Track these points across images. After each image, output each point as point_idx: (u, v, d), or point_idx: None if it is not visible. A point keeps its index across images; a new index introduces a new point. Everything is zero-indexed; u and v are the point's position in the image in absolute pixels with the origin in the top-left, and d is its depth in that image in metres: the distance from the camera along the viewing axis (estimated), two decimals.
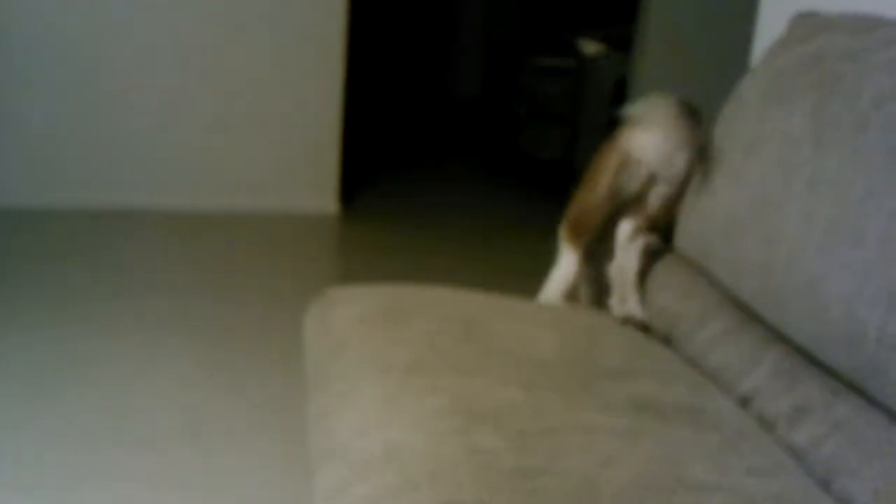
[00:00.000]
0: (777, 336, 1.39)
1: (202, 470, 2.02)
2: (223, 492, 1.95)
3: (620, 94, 4.75)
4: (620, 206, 1.82)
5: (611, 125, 4.61)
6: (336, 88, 4.14)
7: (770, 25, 2.12)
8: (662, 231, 1.80)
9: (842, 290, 1.17)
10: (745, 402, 1.37)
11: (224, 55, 3.99)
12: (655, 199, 1.77)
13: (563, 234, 2.02)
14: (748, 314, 1.47)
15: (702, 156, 1.68)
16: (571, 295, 1.87)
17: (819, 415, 1.21)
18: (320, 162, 4.22)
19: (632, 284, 1.70)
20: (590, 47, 4.87)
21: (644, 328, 1.63)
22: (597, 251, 1.86)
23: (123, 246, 3.58)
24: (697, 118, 1.81)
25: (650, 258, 1.77)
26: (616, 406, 1.24)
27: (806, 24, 1.70)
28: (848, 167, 1.26)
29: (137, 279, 3.25)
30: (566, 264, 1.92)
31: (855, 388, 1.20)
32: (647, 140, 1.79)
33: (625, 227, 1.75)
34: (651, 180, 1.77)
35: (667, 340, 1.61)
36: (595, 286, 1.85)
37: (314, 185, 4.25)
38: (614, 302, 1.70)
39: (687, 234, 1.69)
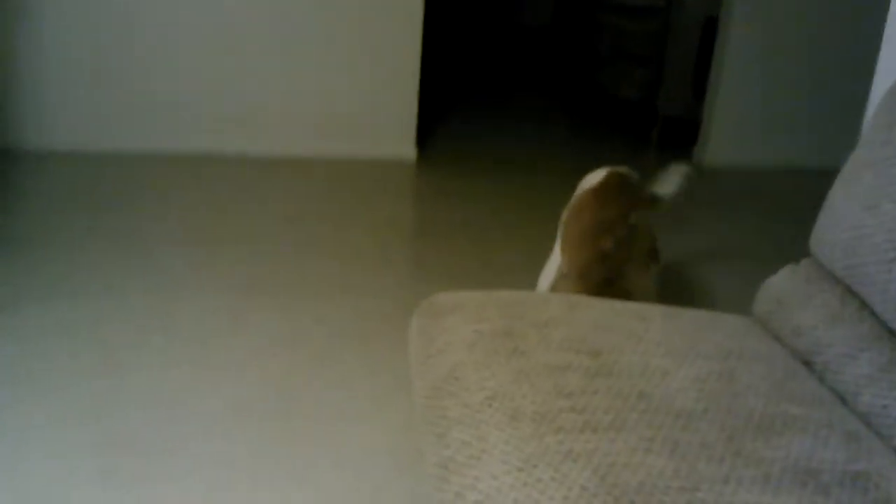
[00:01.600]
0: None
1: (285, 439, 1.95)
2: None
3: (709, 35, 4.48)
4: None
5: (698, 67, 4.41)
6: (415, 31, 3.97)
7: None
8: None
9: None
10: None
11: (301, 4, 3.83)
12: None
13: (560, 230, 2.17)
14: None
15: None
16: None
17: None
18: (399, 105, 4.10)
19: None
20: None
21: None
22: None
23: (198, 192, 3.53)
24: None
25: None
26: (775, 476, 1.11)
27: None
28: None
29: (210, 225, 3.18)
30: (556, 259, 2.12)
31: None
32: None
33: None
34: None
35: (807, 364, 1.46)
36: None
37: (392, 130, 4.14)
38: None
39: (832, 244, 1.52)
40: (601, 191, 2.24)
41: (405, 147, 4.12)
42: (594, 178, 2.33)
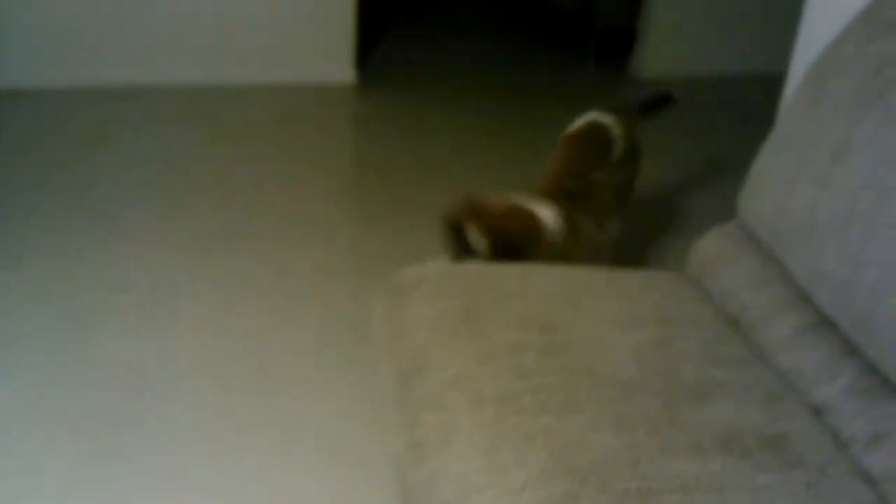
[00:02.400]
0: (855, 348, 1.41)
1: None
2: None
3: None
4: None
5: None
6: None
7: None
8: None
9: None
10: (818, 412, 1.41)
11: None
12: None
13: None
14: (823, 318, 1.49)
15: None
16: None
17: None
18: (334, 24, 4.06)
19: None
20: None
21: None
22: None
23: (131, 127, 3.50)
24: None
25: None
26: (704, 445, 1.28)
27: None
28: None
29: (148, 160, 3.20)
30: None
31: None
32: None
33: None
34: None
35: (733, 325, 1.63)
36: None
37: (328, 51, 4.10)
38: None
39: (757, 213, 1.66)
40: (575, 139, 2.35)
41: (343, 69, 4.11)
42: (577, 123, 2.42)
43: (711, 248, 1.76)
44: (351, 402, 2.13)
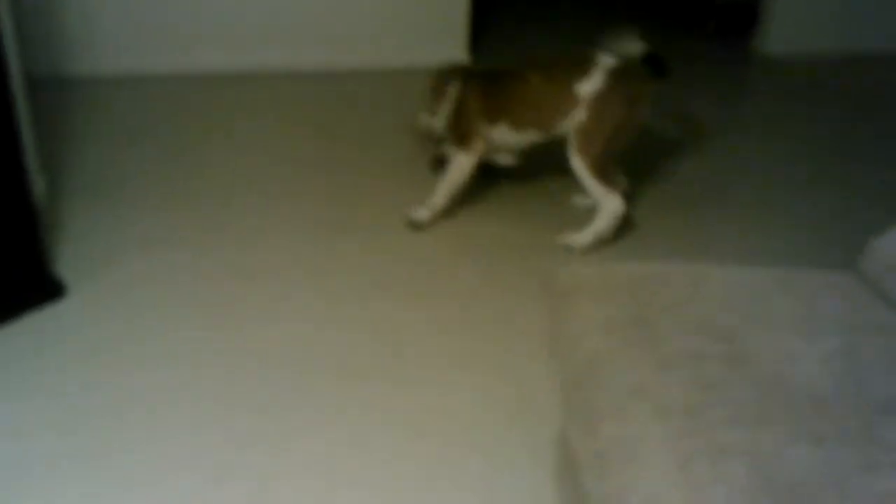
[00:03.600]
0: None
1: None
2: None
3: None
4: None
5: None
6: None
7: None
8: None
9: None
10: None
11: None
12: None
13: (593, 175, 2.63)
14: None
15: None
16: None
17: None
18: (447, 5, 4.01)
19: None
20: None
21: None
22: None
23: (241, 114, 3.49)
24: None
25: None
26: None
27: None
28: None
29: (259, 146, 3.19)
30: (613, 199, 2.63)
31: None
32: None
33: None
34: None
35: None
36: None
37: (442, 34, 4.06)
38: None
39: None
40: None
41: (457, 52, 4.07)
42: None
43: (893, 247, 1.66)
44: (488, 392, 2.10)
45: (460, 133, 2.68)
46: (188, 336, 2.25)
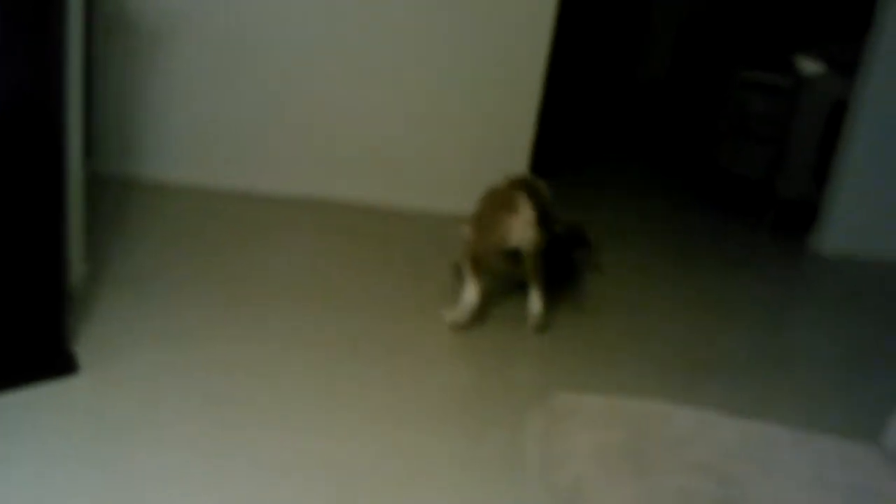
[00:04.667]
0: None
1: None
2: None
3: (837, 118, 4.36)
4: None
5: (822, 151, 4.28)
6: (535, 90, 3.97)
7: None
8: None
9: None
10: None
11: (414, 42, 3.84)
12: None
13: (466, 266, 2.89)
14: None
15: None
16: (474, 311, 2.88)
17: None
18: (506, 163, 4.05)
19: None
20: (808, 66, 4.47)
21: None
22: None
23: (309, 238, 3.56)
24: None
25: None
26: None
27: None
28: None
29: (299, 266, 3.22)
30: (472, 290, 2.86)
31: None
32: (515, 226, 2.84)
33: None
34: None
35: None
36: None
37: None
38: None
39: None
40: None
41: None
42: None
43: None
44: None
45: None
46: (182, 429, 2.21)
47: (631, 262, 3.86)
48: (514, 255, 2.90)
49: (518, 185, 3.05)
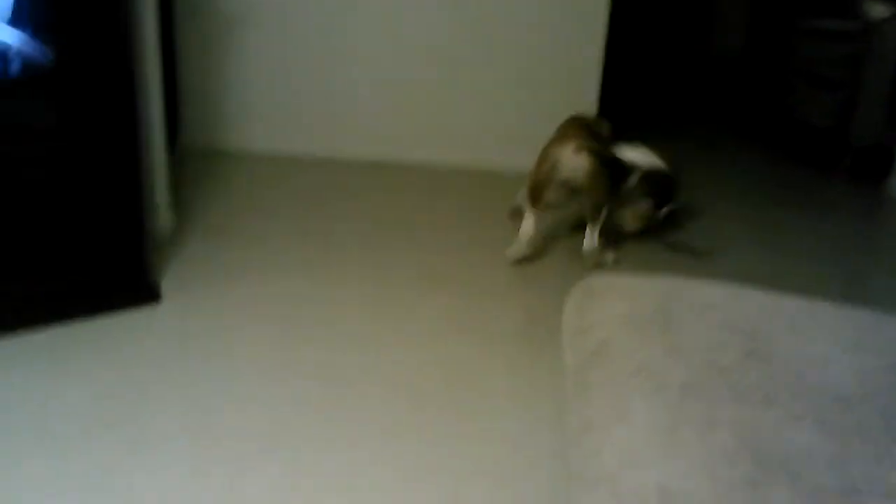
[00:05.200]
0: None
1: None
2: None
3: None
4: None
5: (894, 96, 4.17)
6: (597, 45, 4.00)
7: None
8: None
9: None
10: None
11: (474, 16, 3.93)
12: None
13: (525, 199, 2.98)
14: None
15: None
16: (532, 243, 2.98)
17: None
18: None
19: None
20: (876, 9, 4.38)
21: None
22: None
23: (375, 196, 3.66)
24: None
25: None
26: None
27: None
28: None
29: (385, 233, 3.29)
30: (529, 222, 2.96)
31: None
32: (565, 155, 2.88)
33: None
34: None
35: None
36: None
37: None
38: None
39: None
40: None
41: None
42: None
43: None
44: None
45: None
46: (260, 351, 2.34)
47: (705, 209, 3.83)
48: (572, 191, 2.93)
49: (575, 120, 3.09)
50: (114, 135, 2.34)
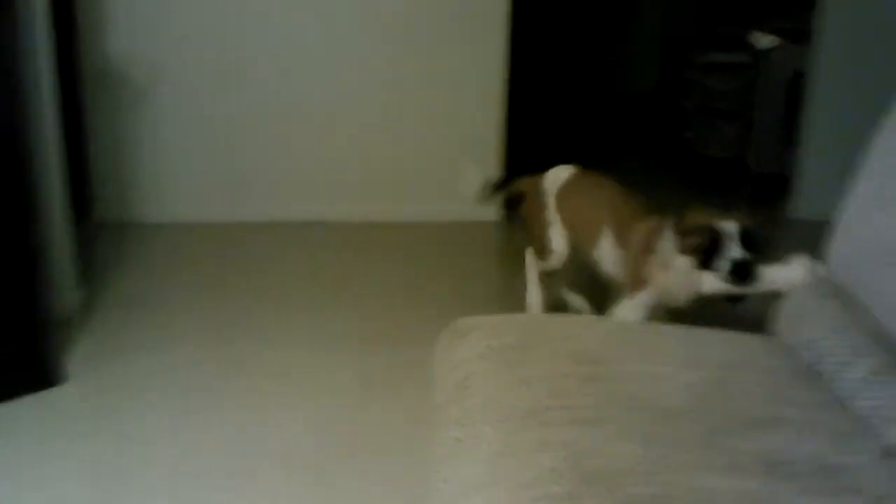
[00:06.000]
0: None
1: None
2: None
3: (797, 88, 4.48)
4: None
5: (788, 121, 4.38)
6: (497, 89, 4.13)
7: None
8: None
9: None
10: (890, 453, 1.25)
11: (377, 58, 4.02)
12: None
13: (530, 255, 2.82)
14: None
15: None
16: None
17: None
18: (481, 165, 4.18)
19: None
20: (763, 40, 4.62)
21: None
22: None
23: (278, 255, 3.69)
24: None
25: None
26: (742, 465, 1.16)
27: None
28: None
29: (291, 289, 3.33)
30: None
31: None
32: None
33: None
34: None
35: (816, 374, 1.49)
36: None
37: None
38: None
39: (837, 257, 1.56)
40: None
41: (488, 208, 4.21)
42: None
43: (797, 301, 1.64)
44: None
45: None
46: (161, 427, 2.35)
47: None
48: None
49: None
50: (4, 213, 2.33)
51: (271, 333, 2.93)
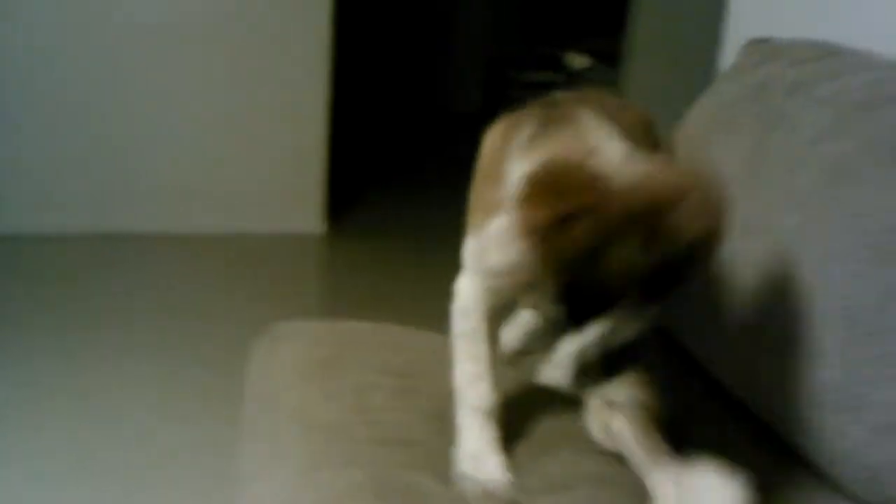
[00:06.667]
0: None
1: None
2: None
3: None
4: None
5: None
6: (320, 103, 4.08)
7: (733, 49, 2.06)
8: None
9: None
10: None
11: (200, 69, 3.92)
12: None
13: None
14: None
15: None
16: None
17: None
18: (304, 179, 4.15)
19: None
20: (576, 61, 4.83)
21: None
22: None
23: (104, 270, 3.55)
24: None
25: None
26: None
27: (757, 52, 1.65)
28: (779, 210, 1.20)
29: (114, 303, 3.23)
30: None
31: None
32: None
33: None
34: None
35: None
36: None
37: (298, 204, 4.17)
38: None
39: None
40: None
41: (312, 221, 4.17)
42: None
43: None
44: None
45: None
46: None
47: (426, 251, 4.00)
48: None
49: None
50: None
51: (75, 349, 2.82)
